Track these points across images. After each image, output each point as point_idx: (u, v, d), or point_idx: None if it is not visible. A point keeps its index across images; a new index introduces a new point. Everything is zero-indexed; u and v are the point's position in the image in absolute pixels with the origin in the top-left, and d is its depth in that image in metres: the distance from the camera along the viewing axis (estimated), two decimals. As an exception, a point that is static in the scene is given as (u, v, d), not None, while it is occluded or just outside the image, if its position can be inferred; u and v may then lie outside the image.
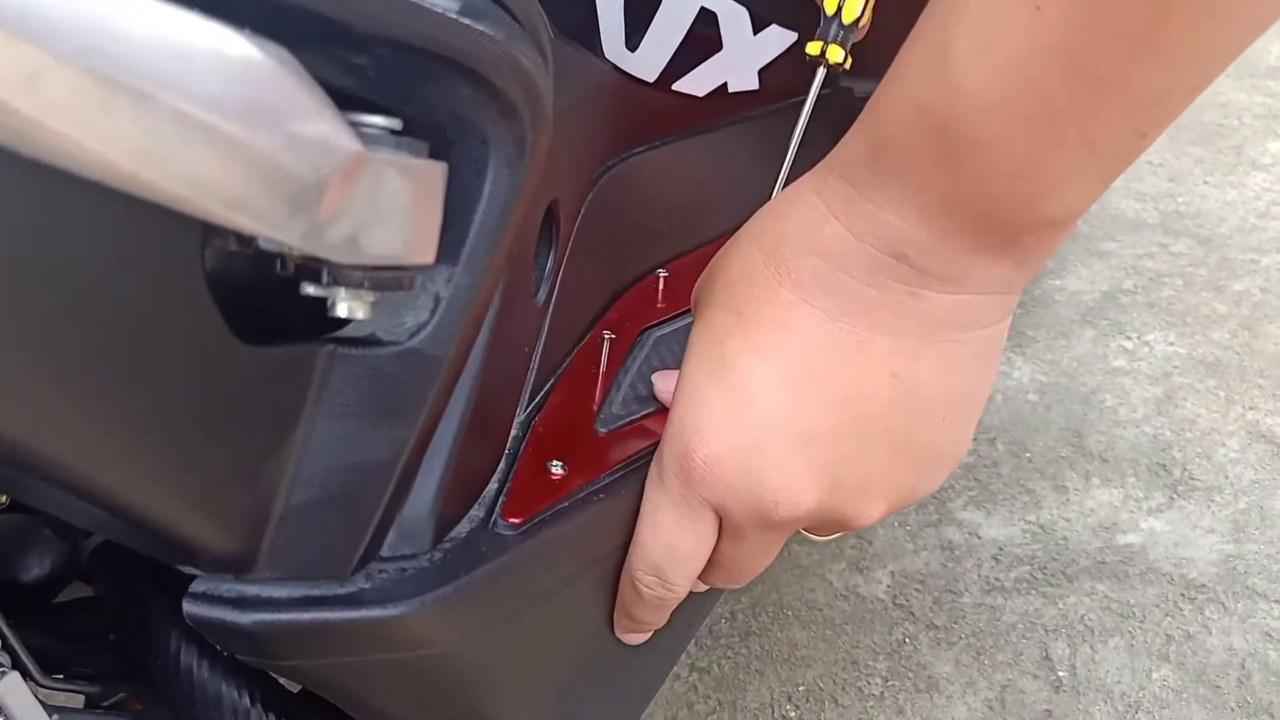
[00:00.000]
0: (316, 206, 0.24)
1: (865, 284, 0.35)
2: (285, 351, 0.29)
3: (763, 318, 0.37)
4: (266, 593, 0.32)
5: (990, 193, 0.32)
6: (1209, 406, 1.07)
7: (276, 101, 0.22)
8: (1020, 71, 0.30)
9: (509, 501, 0.38)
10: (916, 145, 0.33)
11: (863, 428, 0.36)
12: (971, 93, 0.31)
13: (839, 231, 0.35)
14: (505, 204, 0.30)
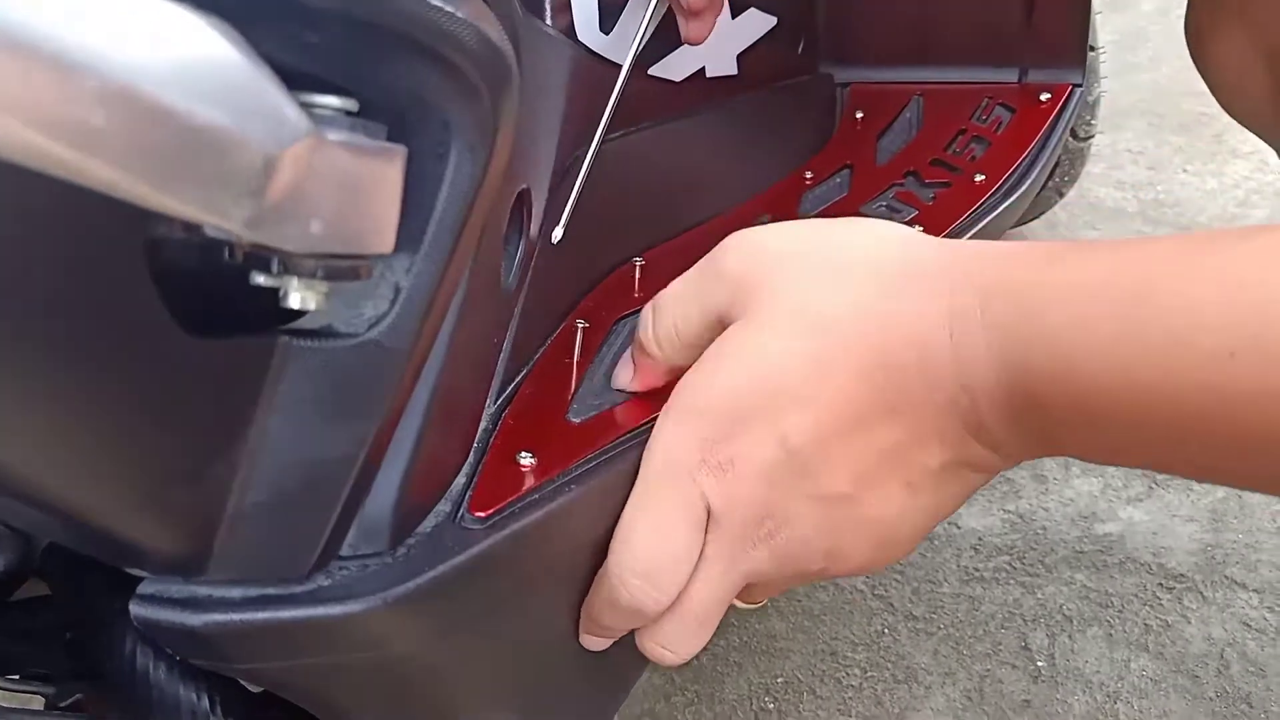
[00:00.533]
0: (263, 192, 0.22)
1: (935, 405, 0.36)
2: (236, 344, 0.28)
3: (827, 371, 0.36)
4: (219, 593, 0.30)
5: (1074, 446, 0.35)
6: (1188, 395, 1.07)
7: (218, 79, 0.21)
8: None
9: (476, 495, 0.37)
10: (1044, 393, 0.34)
11: (868, 511, 0.38)
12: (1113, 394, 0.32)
13: (944, 349, 0.35)
14: (468, 190, 0.29)
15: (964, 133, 0.77)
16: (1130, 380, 0.32)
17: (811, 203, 0.73)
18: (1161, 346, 0.31)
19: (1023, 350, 0.34)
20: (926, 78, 0.83)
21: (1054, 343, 0.33)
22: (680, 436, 0.38)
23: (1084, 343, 0.32)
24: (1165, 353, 0.31)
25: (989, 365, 0.35)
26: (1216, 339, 0.30)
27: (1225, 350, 0.30)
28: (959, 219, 0.68)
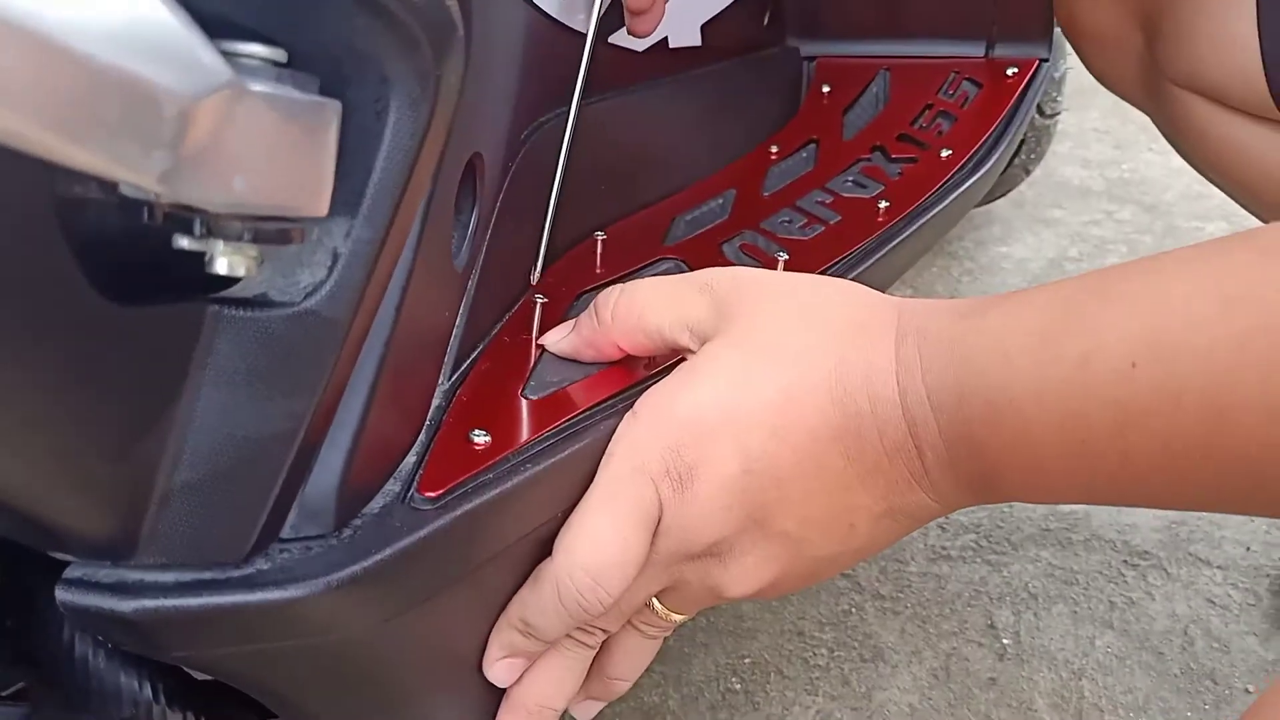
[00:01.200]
0: (177, 145, 0.21)
1: (883, 451, 0.37)
2: (162, 312, 0.26)
3: (796, 404, 0.37)
4: (150, 577, 0.29)
5: (1011, 486, 0.36)
6: (1153, 373, 1.07)
7: (129, 22, 0.19)
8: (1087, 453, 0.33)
9: (426, 474, 0.36)
10: (975, 434, 0.36)
11: (806, 548, 0.39)
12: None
13: (893, 397, 0.37)
14: (409, 149, 0.27)
15: (930, 107, 0.76)
16: (1050, 407, 0.33)
17: (777, 177, 0.72)
18: (1073, 370, 0.32)
19: (957, 396, 0.35)
20: (893, 51, 0.82)
21: (984, 385, 0.35)
22: (646, 440, 0.38)
23: (1009, 380, 0.34)
24: (1076, 375, 0.32)
25: (930, 414, 0.36)
26: (1118, 353, 0.31)
27: (1126, 363, 0.31)
28: (925, 195, 0.67)
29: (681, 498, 0.38)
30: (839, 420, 0.37)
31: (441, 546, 0.34)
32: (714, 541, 0.39)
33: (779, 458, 0.37)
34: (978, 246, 1.33)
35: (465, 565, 0.36)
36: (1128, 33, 0.61)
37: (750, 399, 0.37)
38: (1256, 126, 0.55)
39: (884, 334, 0.38)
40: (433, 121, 0.28)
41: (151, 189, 0.21)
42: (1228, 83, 0.54)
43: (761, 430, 0.37)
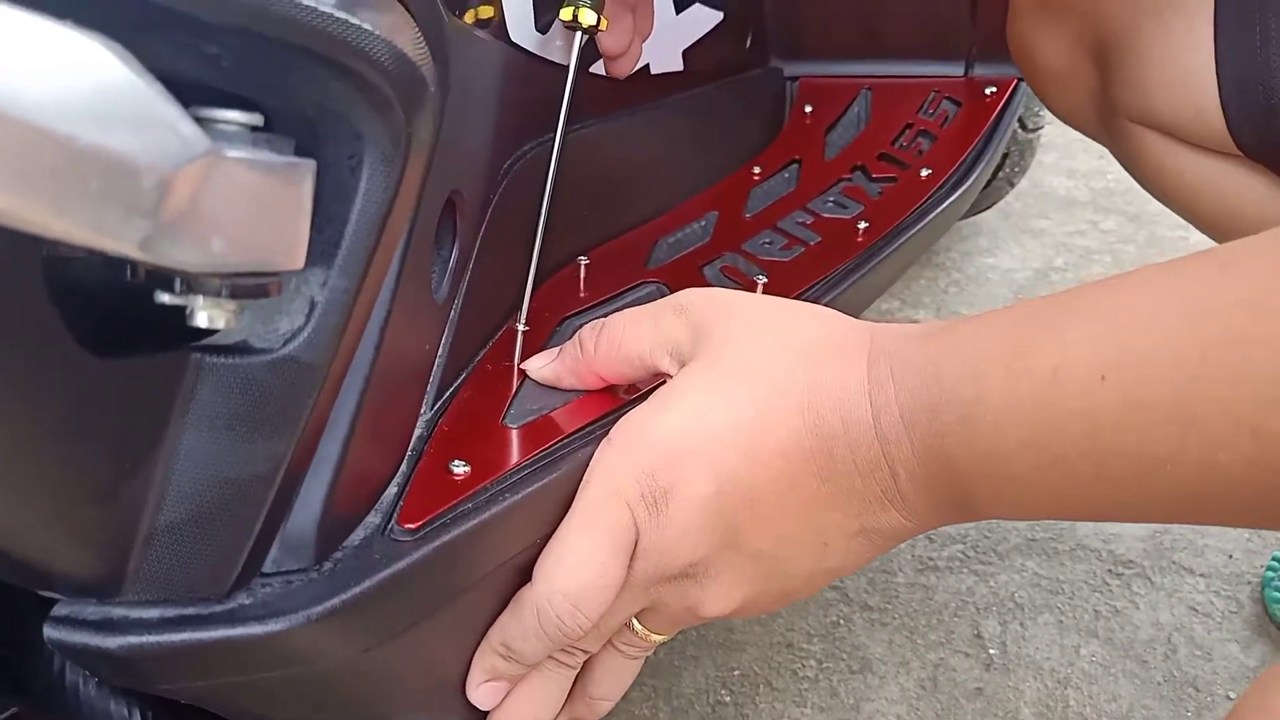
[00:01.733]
0: (156, 212, 0.22)
1: (857, 471, 0.38)
2: (144, 363, 0.27)
3: (768, 425, 0.38)
4: (135, 614, 0.30)
5: (985, 502, 0.37)
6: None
7: (104, 98, 0.21)
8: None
9: (406, 506, 0.37)
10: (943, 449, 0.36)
11: (781, 567, 0.40)
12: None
13: (865, 417, 0.38)
14: (383, 202, 0.29)
15: (911, 127, 0.77)
16: (1022, 420, 0.34)
17: (759, 198, 0.73)
18: (1043, 385, 0.33)
19: (930, 413, 0.36)
20: (874, 71, 0.83)
21: (956, 401, 0.35)
22: (621, 465, 0.39)
23: (981, 395, 0.35)
24: (1046, 389, 0.33)
25: (903, 432, 0.37)
26: (1088, 366, 0.32)
27: (1096, 375, 0.32)
28: (904, 215, 0.69)
29: (657, 520, 0.39)
30: (812, 441, 0.38)
31: (421, 577, 0.35)
32: (690, 562, 0.39)
33: (752, 478, 0.38)
34: (964, 258, 1.34)
35: (445, 594, 0.37)
36: (1082, 68, 0.62)
37: (723, 421, 0.38)
38: (1212, 161, 0.56)
39: (857, 356, 0.39)
40: (405, 174, 0.29)
41: (132, 255, 0.22)
42: (1183, 119, 0.54)
43: (734, 451, 0.38)
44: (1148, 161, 0.59)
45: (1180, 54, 0.53)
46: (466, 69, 0.40)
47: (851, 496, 0.39)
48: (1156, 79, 0.55)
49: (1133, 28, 0.56)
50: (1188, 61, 0.53)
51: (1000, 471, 0.35)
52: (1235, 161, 0.55)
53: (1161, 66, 0.55)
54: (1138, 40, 0.56)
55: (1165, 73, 0.54)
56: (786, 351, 0.39)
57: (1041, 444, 0.34)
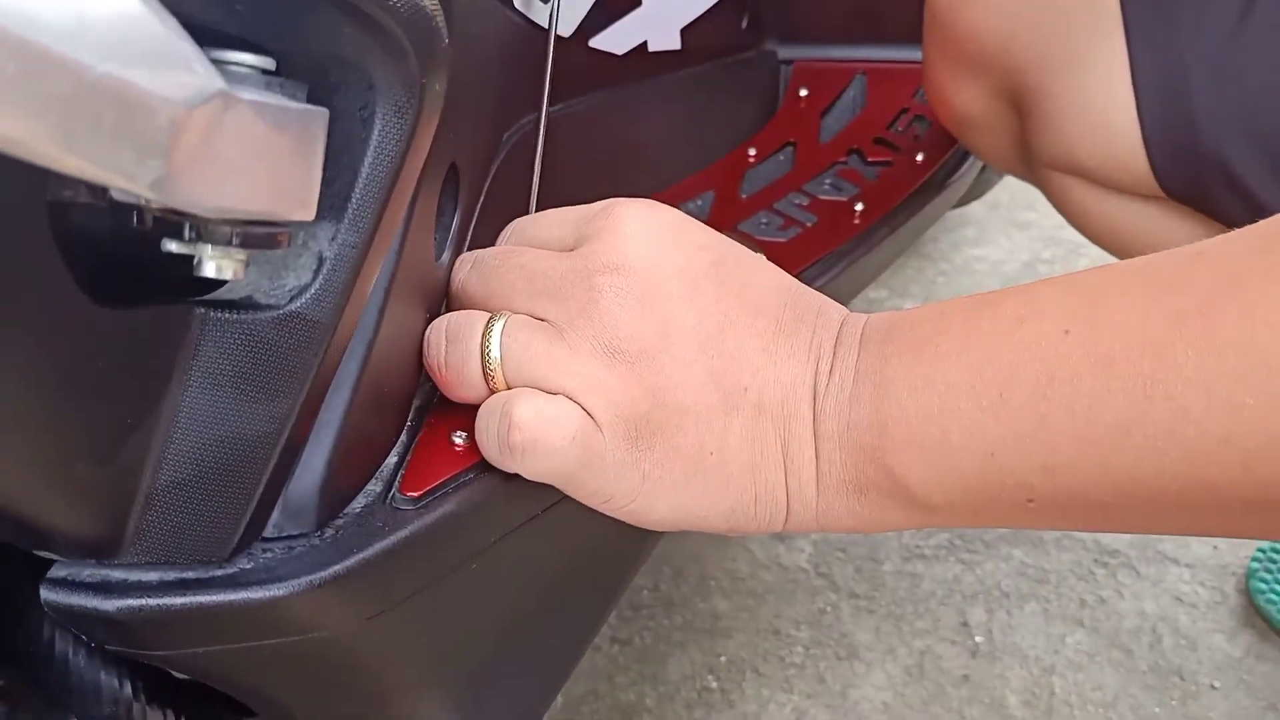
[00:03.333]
0: (169, 152, 0.21)
1: (809, 350, 0.36)
2: (148, 314, 0.26)
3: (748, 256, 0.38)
4: (134, 577, 0.29)
5: (902, 427, 0.34)
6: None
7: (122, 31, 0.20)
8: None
9: (408, 474, 0.36)
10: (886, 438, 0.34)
11: (680, 382, 0.36)
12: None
13: (834, 315, 0.37)
14: (395, 155, 0.28)
15: (906, 111, 0.77)
16: (973, 351, 0.32)
17: (755, 179, 0.73)
18: (1004, 327, 0.32)
19: (885, 332, 0.35)
20: (870, 55, 0.83)
21: (913, 326, 0.35)
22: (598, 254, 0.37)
23: (940, 328, 0.34)
24: (1006, 332, 0.32)
25: (856, 345, 0.36)
26: (1052, 319, 0.31)
27: (1060, 328, 0.31)
28: (900, 198, 0.68)
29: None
30: (786, 295, 0.37)
31: (422, 546, 0.34)
32: (627, 253, 0.36)
33: (724, 250, 0.37)
34: (953, 248, 1.34)
35: (446, 564, 0.36)
36: (1002, 116, 0.62)
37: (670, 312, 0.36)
38: (1138, 204, 0.56)
39: (834, 304, 0.39)
40: (418, 128, 0.28)
41: (143, 195, 0.21)
42: (1103, 165, 0.55)
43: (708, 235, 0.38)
44: (1074, 206, 0.59)
45: (1098, 103, 0.54)
46: (471, 35, 0.39)
47: (790, 363, 0.36)
48: (1076, 128, 0.55)
49: (1046, 79, 0.56)
50: (1106, 110, 0.53)
51: (935, 404, 0.32)
52: (1161, 204, 0.55)
53: (1080, 116, 0.55)
54: (1053, 91, 0.56)
55: (1084, 121, 0.54)
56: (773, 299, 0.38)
57: (987, 380, 0.32)
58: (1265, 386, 0.27)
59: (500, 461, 0.36)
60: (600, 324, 0.35)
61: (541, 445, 0.34)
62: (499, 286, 0.37)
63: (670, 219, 0.38)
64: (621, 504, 0.36)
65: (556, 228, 0.39)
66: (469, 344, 0.36)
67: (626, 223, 0.36)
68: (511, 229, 0.42)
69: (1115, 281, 0.31)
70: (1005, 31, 0.60)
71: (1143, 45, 0.53)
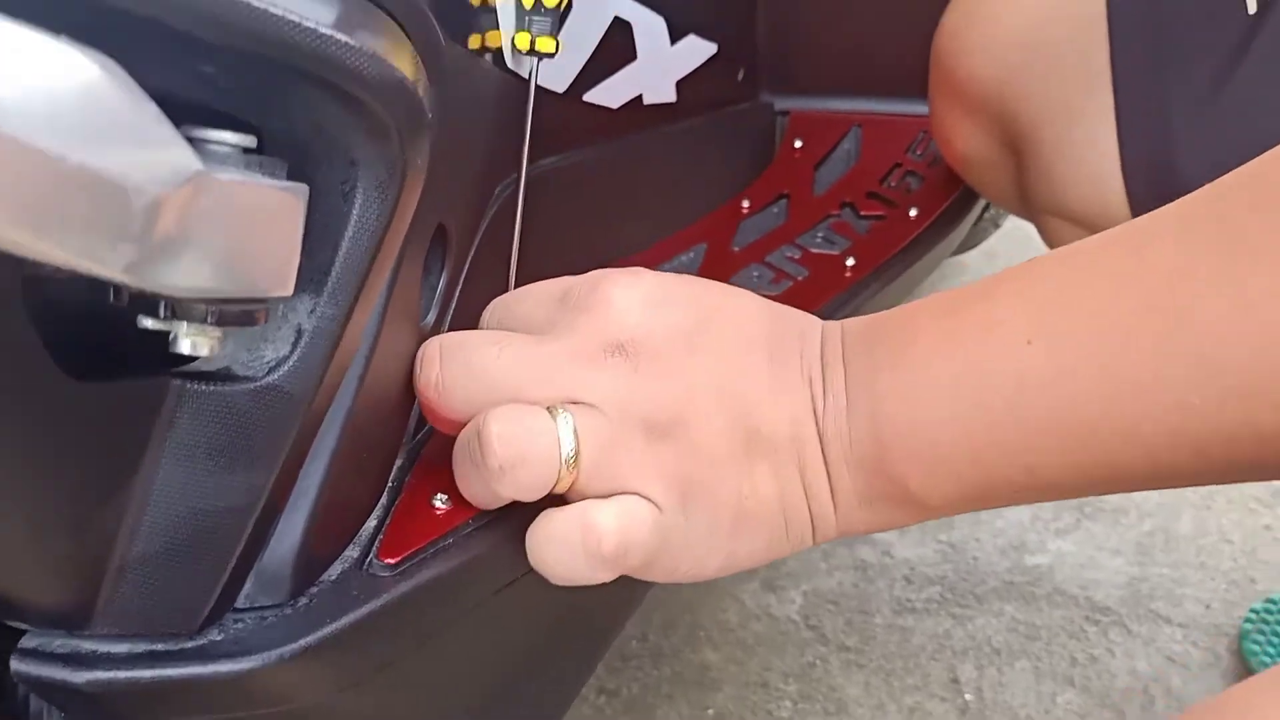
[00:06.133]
0: (144, 236, 0.21)
1: (801, 371, 0.38)
2: (124, 387, 0.26)
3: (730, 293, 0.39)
4: (104, 648, 0.29)
5: (895, 431, 0.36)
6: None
7: (96, 117, 0.20)
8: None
9: (386, 540, 0.36)
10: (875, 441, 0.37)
11: (709, 427, 0.37)
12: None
13: (816, 333, 0.39)
14: (376, 230, 0.28)
15: (900, 166, 0.77)
16: (948, 366, 0.35)
17: (748, 231, 0.73)
18: (972, 340, 0.35)
19: (867, 349, 0.37)
20: (865, 108, 0.84)
21: (890, 341, 0.37)
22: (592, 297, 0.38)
23: (913, 340, 0.36)
24: (975, 345, 0.34)
25: (840, 363, 0.38)
26: (1014, 329, 0.34)
27: (1022, 338, 0.33)
28: (892, 252, 0.68)
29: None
30: (769, 321, 0.39)
31: (399, 614, 0.34)
32: (632, 330, 0.36)
33: (717, 302, 0.39)
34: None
35: (424, 632, 0.36)
36: (1000, 157, 0.64)
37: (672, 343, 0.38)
38: None
39: (809, 319, 0.40)
40: (400, 203, 0.28)
41: (117, 279, 0.21)
42: (1090, 213, 0.57)
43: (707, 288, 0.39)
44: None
45: (1085, 153, 0.56)
46: (461, 95, 0.40)
47: (788, 379, 0.38)
48: (1065, 176, 0.58)
49: (1038, 126, 0.59)
50: (1093, 161, 0.56)
51: (922, 416, 0.35)
52: None
53: (1068, 165, 0.57)
54: (1043, 139, 0.59)
55: (1072, 171, 0.57)
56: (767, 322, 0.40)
57: (965, 392, 0.34)
58: (1208, 387, 0.31)
59: (587, 575, 0.36)
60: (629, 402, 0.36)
61: (633, 548, 0.35)
62: (501, 378, 0.36)
63: (653, 284, 0.38)
64: (685, 572, 0.37)
65: (542, 308, 0.39)
66: (540, 438, 0.35)
67: (616, 297, 0.37)
68: (493, 309, 0.42)
69: (1067, 288, 0.34)
70: (999, 79, 0.61)
71: (1129, 99, 0.55)
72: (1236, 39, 0.52)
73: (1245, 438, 0.32)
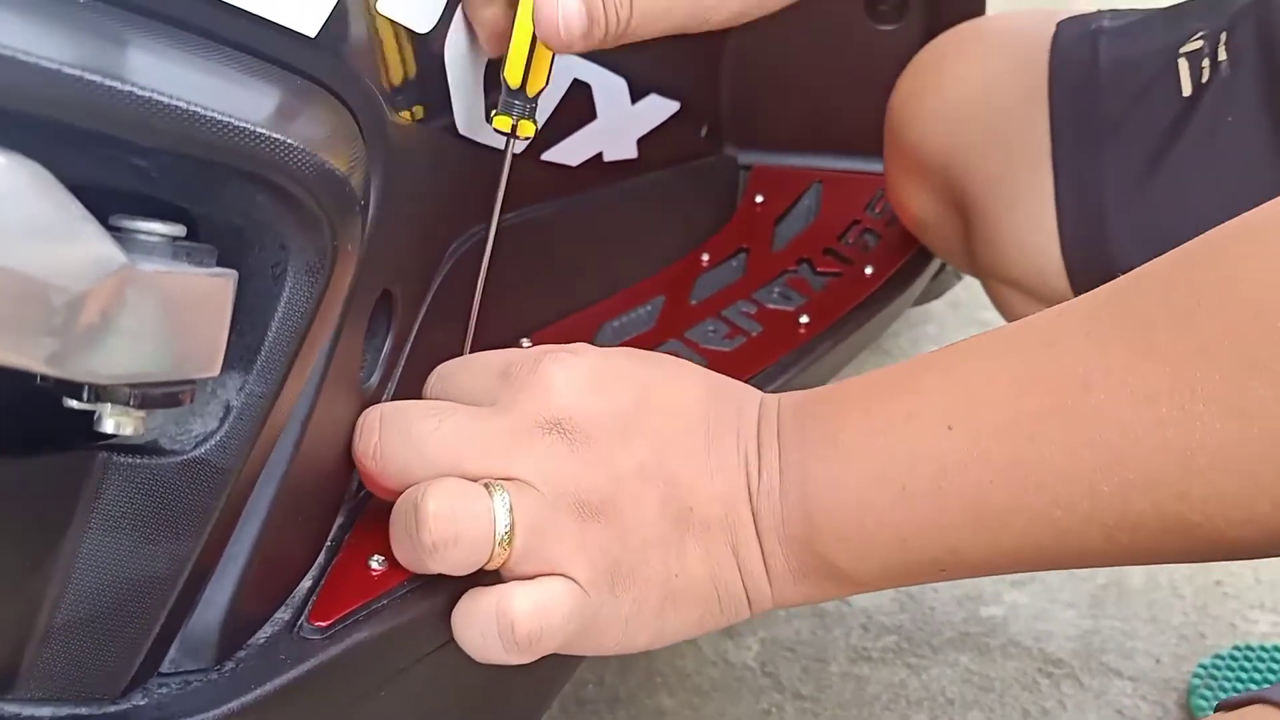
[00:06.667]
0: (66, 330, 0.22)
1: (737, 448, 0.39)
2: (50, 461, 0.27)
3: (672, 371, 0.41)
4: (26, 712, 0.29)
5: (845, 557, 0.38)
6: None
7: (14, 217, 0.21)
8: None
9: (319, 601, 0.37)
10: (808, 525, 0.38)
11: (640, 508, 0.38)
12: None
13: (753, 413, 0.40)
14: (305, 312, 0.29)
15: (858, 224, 0.79)
16: (873, 451, 0.36)
17: (705, 285, 0.74)
18: (897, 424, 0.36)
19: (799, 433, 0.38)
20: (826, 165, 0.85)
21: (820, 426, 0.38)
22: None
23: (842, 426, 0.37)
24: (900, 428, 0.36)
25: (775, 441, 0.39)
26: (937, 415, 0.35)
27: (943, 424, 0.35)
28: (846, 310, 0.70)
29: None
30: (709, 399, 0.40)
31: (327, 678, 0.35)
32: (564, 410, 0.37)
33: (653, 377, 0.40)
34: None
35: (354, 694, 0.37)
36: (949, 219, 0.67)
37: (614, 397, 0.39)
38: None
39: (749, 392, 0.42)
40: (330, 284, 0.29)
41: (39, 370, 0.22)
42: (1029, 280, 0.60)
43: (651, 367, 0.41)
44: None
45: (1025, 224, 0.59)
46: (409, 165, 0.41)
47: (725, 473, 0.39)
48: (1005, 244, 0.61)
49: (982, 198, 0.62)
50: (1032, 232, 0.59)
51: (850, 499, 0.37)
52: None
53: (1009, 234, 0.60)
54: (987, 210, 0.61)
55: (1012, 240, 0.60)
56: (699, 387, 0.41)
57: (891, 476, 0.36)
58: (1116, 475, 0.32)
59: (504, 657, 0.37)
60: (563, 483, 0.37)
61: (546, 634, 0.36)
62: (439, 451, 0.37)
63: (593, 364, 0.39)
64: (610, 647, 0.38)
65: (482, 380, 0.40)
66: (475, 520, 0.36)
67: (555, 377, 0.38)
68: (436, 377, 0.43)
69: (985, 374, 0.36)
70: (946, 148, 0.64)
71: (1067, 175, 0.57)
72: (1170, 121, 0.54)
73: (1151, 525, 0.33)
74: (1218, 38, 0.53)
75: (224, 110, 0.25)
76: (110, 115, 0.22)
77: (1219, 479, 0.31)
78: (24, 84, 0.21)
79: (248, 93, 0.27)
